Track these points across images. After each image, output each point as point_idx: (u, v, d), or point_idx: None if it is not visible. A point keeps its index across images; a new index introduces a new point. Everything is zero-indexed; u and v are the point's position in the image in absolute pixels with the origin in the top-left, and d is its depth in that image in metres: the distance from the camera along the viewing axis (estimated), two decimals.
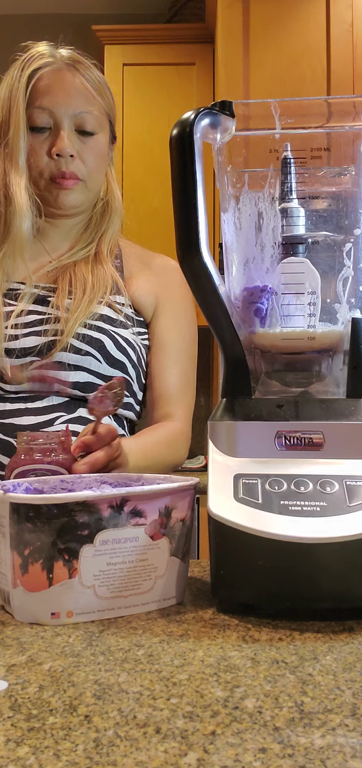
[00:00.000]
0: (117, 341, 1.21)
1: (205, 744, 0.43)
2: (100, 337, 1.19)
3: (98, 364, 1.18)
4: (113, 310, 1.23)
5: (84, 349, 1.16)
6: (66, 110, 1.21)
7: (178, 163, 0.74)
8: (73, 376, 1.16)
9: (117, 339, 1.21)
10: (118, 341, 1.21)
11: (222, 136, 0.79)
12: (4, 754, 0.42)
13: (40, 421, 1.15)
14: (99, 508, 0.68)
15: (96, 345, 1.18)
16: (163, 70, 3.09)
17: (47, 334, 1.17)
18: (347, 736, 0.44)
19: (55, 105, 1.21)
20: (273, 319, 0.77)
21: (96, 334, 1.18)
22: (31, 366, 1.16)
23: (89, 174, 1.24)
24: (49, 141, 1.22)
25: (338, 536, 0.65)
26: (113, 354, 1.20)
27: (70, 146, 1.21)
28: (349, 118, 0.80)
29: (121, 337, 1.22)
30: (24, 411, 1.16)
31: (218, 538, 0.70)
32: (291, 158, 0.78)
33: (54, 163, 1.21)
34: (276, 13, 2.72)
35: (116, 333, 1.21)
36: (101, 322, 1.20)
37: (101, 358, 1.18)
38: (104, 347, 1.19)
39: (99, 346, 1.18)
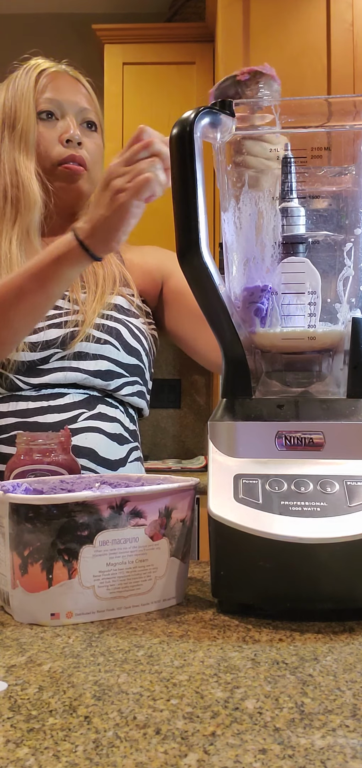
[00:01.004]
0: (131, 330, 1.25)
1: (205, 745, 0.43)
2: (116, 326, 1.22)
3: (117, 351, 1.21)
4: (126, 300, 1.27)
5: (103, 338, 1.20)
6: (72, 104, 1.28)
7: (177, 162, 0.74)
8: (95, 365, 1.20)
9: (131, 328, 1.25)
10: (133, 330, 1.25)
11: (223, 136, 0.79)
12: (4, 755, 0.42)
13: (64, 419, 1.17)
14: (99, 509, 0.68)
15: (113, 333, 1.21)
16: (163, 70, 3.09)
17: (68, 326, 1.20)
18: (347, 736, 0.44)
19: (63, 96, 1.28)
20: (274, 319, 0.77)
21: (112, 323, 1.22)
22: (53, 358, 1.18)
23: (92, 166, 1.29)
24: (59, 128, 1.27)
25: (338, 536, 0.65)
26: (129, 342, 1.23)
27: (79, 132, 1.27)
28: (350, 118, 0.80)
29: (134, 326, 1.25)
30: (47, 409, 1.18)
31: (218, 539, 0.70)
32: (292, 157, 0.78)
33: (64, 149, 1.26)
34: (276, 13, 2.72)
35: (130, 322, 1.25)
36: (116, 312, 1.24)
37: (119, 345, 1.22)
38: (121, 335, 1.22)
39: (116, 334, 1.22)
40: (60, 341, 1.18)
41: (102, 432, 1.20)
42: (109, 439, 1.21)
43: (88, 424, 1.19)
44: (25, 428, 1.16)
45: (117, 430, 1.23)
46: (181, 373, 3.31)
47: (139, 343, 1.25)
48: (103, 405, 1.22)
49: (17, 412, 1.18)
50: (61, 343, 1.18)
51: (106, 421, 1.21)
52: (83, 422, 1.18)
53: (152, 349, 1.31)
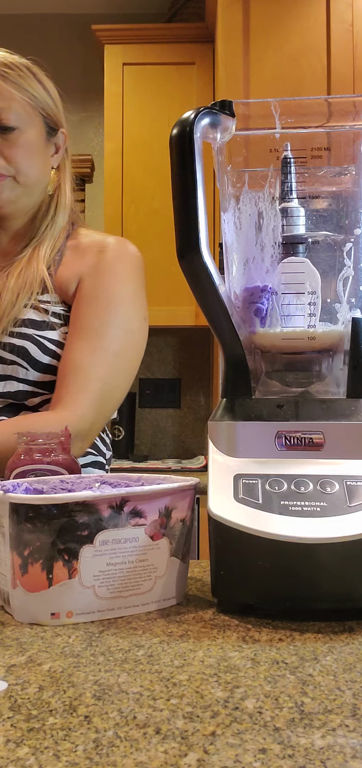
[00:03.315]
0: (43, 345, 1.17)
1: (205, 744, 0.43)
2: (23, 344, 1.15)
3: (25, 371, 1.15)
4: (39, 312, 1.18)
5: (8, 358, 1.14)
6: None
7: (178, 162, 0.74)
8: (3, 387, 1.14)
9: (43, 343, 1.17)
10: (45, 345, 1.17)
11: (222, 136, 0.79)
12: (4, 755, 0.42)
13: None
14: (99, 509, 0.68)
15: (20, 353, 1.15)
16: (163, 70, 3.09)
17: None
18: (347, 736, 0.44)
19: None
20: (274, 319, 0.77)
21: (19, 341, 1.15)
22: None
23: (17, 169, 1.21)
24: None
25: (338, 536, 0.65)
26: (40, 360, 1.16)
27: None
28: (349, 118, 0.80)
29: (48, 340, 1.17)
30: None
31: (218, 539, 0.70)
32: (291, 158, 0.78)
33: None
34: (276, 13, 2.72)
35: (42, 337, 1.17)
36: (24, 328, 1.16)
37: (27, 365, 1.15)
38: (28, 354, 1.15)
39: (23, 354, 1.15)
40: None
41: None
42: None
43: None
44: None
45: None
46: (180, 373, 3.31)
47: (54, 358, 1.17)
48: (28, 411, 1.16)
49: None
50: None
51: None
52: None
53: None
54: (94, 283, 1.21)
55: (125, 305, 1.22)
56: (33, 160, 1.24)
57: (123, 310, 1.21)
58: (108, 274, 1.22)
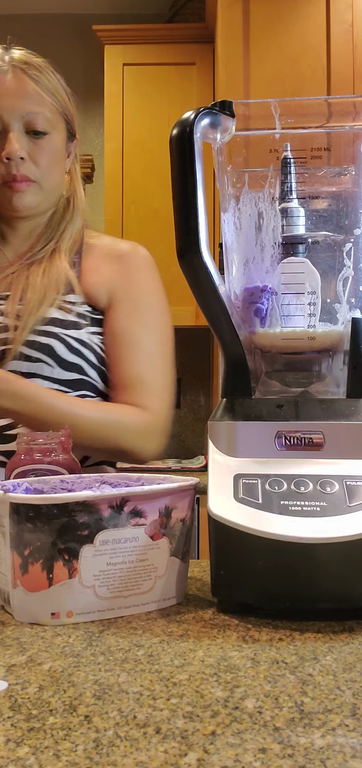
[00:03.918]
0: (68, 344, 1.17)
1: (205, 744, 0.43)
2: (48, 341, 1.16)
3: (50, 369, 1.15)
4: (64, 311, 1.19)
5: (34, 356, 1.15)
6: (13, 113, 1.20)
7: (178, 163, 0.74)
8: None
9: (68, 342, 1.17)
10: (70, 344, 1.18)
11: (222, 136, 0.79)
12: (4, 755, 0.42)
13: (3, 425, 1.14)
14: (99, 508, 0.68)
15: (45, 350, 1.15)
16: (163, 70, 3.09)
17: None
18: (347, 736, 0.44)
19: (2, 108, 1.20)
20: (273, 319, 0.77)
21: (44, 339, 1.16)
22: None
23: (42, 174, 1.23)
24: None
25: (338, 536, 0.65)
26: (65, 358, 1.17)
27: (19, 149, 1.19)
28: (349, 118, 0.80)
29: (73, 339, 1.18)
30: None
31: (218, 538, 0.70)
32: (291, 158, 0.78)
33: (4, 167, 1.20)
34: (276, 13, 2.72)
35: (67, 335, 1.18)
36: (51, 326, 1.17)
37: (53, 362, 1.15)
38: (54, 351, 1.16)
39: (49, 351, 1.15)
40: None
41: None
42: None
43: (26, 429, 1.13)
44: None
45: None
46: (180, 373, 3.31)
47: (79, 357, 1.18)
48: None
49: None
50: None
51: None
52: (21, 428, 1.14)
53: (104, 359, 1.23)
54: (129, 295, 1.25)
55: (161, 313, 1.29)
56: (56, 166, 1.26)
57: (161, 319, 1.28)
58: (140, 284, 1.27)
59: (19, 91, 1.21)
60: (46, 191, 1.24)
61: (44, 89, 1.23)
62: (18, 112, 1.20)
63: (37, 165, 1.22)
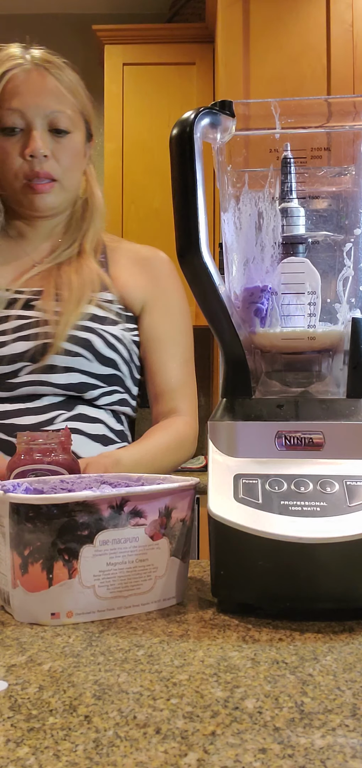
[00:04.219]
0: (106, 339, 1.20)
1: (205, 744, 0.43)
2: (88, 336, 1.18)
3: (89, 363, 1.17)
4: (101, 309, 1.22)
5: (73, 350, 1.16)
6: (37, 110, 1.20)
7: (178, 163, 0.74)
8: (66, 378, 1.16)
9: (106, 337, 1.20)
10: (107, 339, 1.20)
11: (222, 136, 0.79)
12: (4, 755, 0.42)
13: (41, 421, 1.15)
14: (99, 508, 0.68)
15: (85, 345, 1.17)
16: (163, 70, 3.09)
17: (38, 338, 1.16)
18: (347, 736, 0.44)
19: (26, 106, 1.20)
20: (274, 319, 0.77)
21: (84, 333, 1.18)
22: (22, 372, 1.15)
23: (64, 173, 1.23)
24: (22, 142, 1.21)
25: (338, 536, 0.65)
26: (103, 352, 1.19)
27: (43, 146, 1.20)
28: (349, 118, 0.80)
29: (110, 335, 1.21)
30: (24, 411, 1.16)
31: (218, 538, 0.70)
32: (291, 158, 0.78)
33: (27, 164, 1.20)
34: (276, 13, 2.72)
35: (105, 331, 1.20)
36: (89, 322, 1.19)
37: (91, 357, 1.18)
38: (93, 346, 1.18)
39: (88, 346, 1.18)
40: (29, 355, 1.15)
41: (82, 433, 1.17)
42: (91, 440, 1.18)
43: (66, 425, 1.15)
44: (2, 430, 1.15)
45: (99, 430, 1.20)
46: None
47: (114, 352, 1.21)
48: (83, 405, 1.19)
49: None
50: (30, 357, 1.15)
51: (87, 422, 1.18)
52: (61, 424, 1.16)
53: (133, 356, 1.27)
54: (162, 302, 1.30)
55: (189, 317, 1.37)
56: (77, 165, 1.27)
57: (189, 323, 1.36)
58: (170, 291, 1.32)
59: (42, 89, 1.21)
60: (67, 191, 1.26)
61: (66, 88, 1.23)
62: (42, 110, 1.20)
63: (59, 163, 1.22)
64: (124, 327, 1.24)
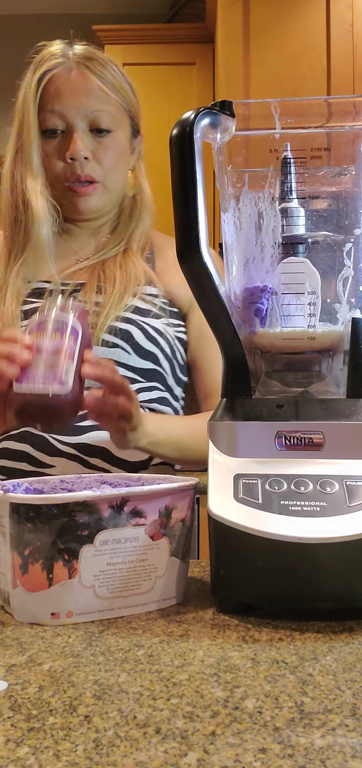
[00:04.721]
0: (146, 331, 1.16)
1: (205, 744, 0.43)
2: (127, 328, 1.15)
3: (127, 355, 1.14)
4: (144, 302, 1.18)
5: (112, 341, 1.14)
6: (77, 111, 1.18)
7: (178, 163, 0.74)
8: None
9: (146, 329, 1.16)
10: (148, 331, 1.16)
11: (222, 136, 0.79)
12: (4, 755, 0.42)
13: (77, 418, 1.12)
14: (99, 508, 0.68)
15: (124, 336, 1.14)
16: (163, 70, 3.09)
17: None
18: (347, 736, 0.44)
19: (66, 107, 1.17)
20: (273, 319, 0.77)
21: (124, 325, 1.15)
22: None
23: (106, 174, 1.20)
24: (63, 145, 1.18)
25: (338, 536, 0.65)
26: (143, 345, 1.16)
27: (83, 149, 1.17)
28: (349, 118, 0.80)
29: (151, 327, 1.17)
30: None
31: (218, 538, 0.70)
32: (291, 158, 0.78)
33: (68, 167, 1.18)
34: (276, 13, 2.72)
35: (146, 323, 1.17)
36: (131, 314, 1.16)
37: (130, 349, 1.14)
38: (132, 338, 1.15)
39: (127, 338, 1.14)
40: None
41: None
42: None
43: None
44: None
45: None
46: None
47: (155, 346, 1.17)
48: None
49: None
50: None
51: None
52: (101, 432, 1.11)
53: (176, 353, 1.22)
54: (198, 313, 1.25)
55: None
56: (120, 165, 1.23)
57: None
58: None
59: (83, 89, 1.18)
60: (111, 191, 1.22)
61: (108, 86, 1.20)
62: (82, 110, 1.18)
63: (101, 165, 1.19)
64: (167, 321, 1.20)
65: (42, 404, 0.81)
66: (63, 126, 1.18)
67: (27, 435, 1.11)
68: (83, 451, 1.11)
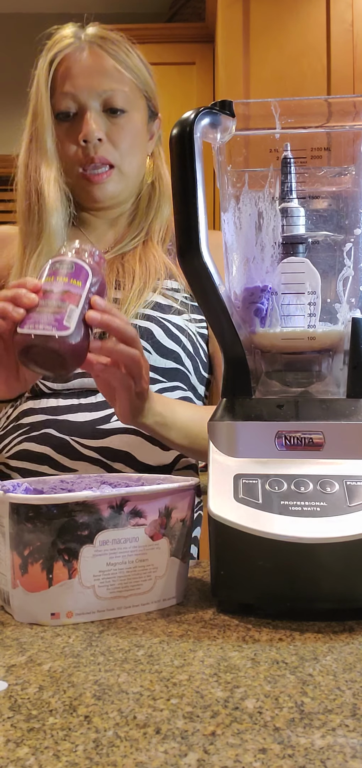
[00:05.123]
0: (167, 329, 1.11)
1: (205, 744, 0.43)
2: (148, 325, 1.10)
3: (148, 355, 1.08)
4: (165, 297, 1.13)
5: None
6: (90, 92, 1.13)
7: (178, 163, 0.74)
8: None
9: (167, 327, 1.11)
10: (169, 329, 1.11)
11: (222, 136, 0.79)
12: (4, 755, 0.42)
13: (96, 418, 1.08)
14: (99, 509, 0.68)
15: (144, 334, 1.09)
16: (163, 70, 3.07)
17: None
18: (347, 736, 0.44)
19: (78, 88, 1.12)
20: (274, 319, 0.77)
21: (144, 323, 1.10)
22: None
23: (122, 156, 1.15)
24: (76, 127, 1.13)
25: (338, 536, 0.65)
26: (164, 343, 1.11)
27: (97, 130, 1.12)
28: (349, 118, 0.80)
29: (172, 324, 1.12)
30: (78, 407, 1.09)
31: (218, 539, 0.70)
32: (291, 158, 0.78)
33: (82, 150, 1.13)
34: (276, 13, 2.72)
35: (166, 320, 1.12)
36: (151, 311, 1.11)
37: (151, 348, 1.09)
38: (153, 336, 1.10)
39: (147, 336, 1.09)
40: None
41: (138, 433, 1.07)
42: (149, 443, 1.08)
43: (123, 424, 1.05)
44: (55, 427, 1.08)
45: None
46: None
47: (177, 344, 1.12)
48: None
49: (47, 410, 1.09)
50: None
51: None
52: (117, 422, 1.07)
53: (199, 350, 1.17)
54: None
55: None
56: (136, 147, 1.18)
57: None
58: None
59: (96, 68, 1.14)
60: (128, 176, 1.17)
61: (122, 65, 1.16)
62: (95, 90, 1.13)
63: (116, 147, 1.14)
64: (189, 318, 1.15)
65: (43, 348, 0.79)
66: (75, 108, 1.14)
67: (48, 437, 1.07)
68: (106, 455, 1.07)
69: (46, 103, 1.13)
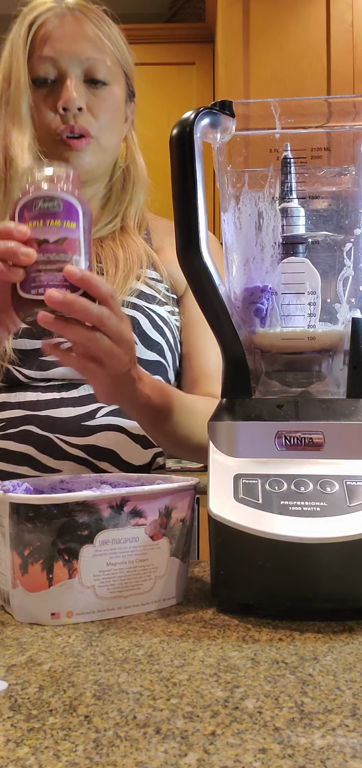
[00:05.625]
0: (153, 320, 1.08)
1: (205, 744, 0.43)
2: (133, 314, 1.06)
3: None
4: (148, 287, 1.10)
5: None
6: (71, 58, 1.07)
7: (177, 163, 0.74)
8: None
9: (153, 317, 1.08)
10: (154, 319, 1.08)
11: (222, 136, 0.79)
12: (4, 755, 0.42)
13: (81, 413, 1.04)
14: (99, 509, 0.68)
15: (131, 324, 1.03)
16: (163, 70, 3.09)
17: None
18: (347, 736, 0.44)
19: (59, 53, 1.07)
20: (274, 319, 0.77)
21: (130, 311, 1.05)
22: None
23: (101, 129, 1.10)
24: (54, 94, 1.07)
25: (338, 536, 0.65)
26: (150, 334, 1.07)
27: (78, 98, 1.06)
28: (349, 118, 0.80)
29: (157, 315, 1.09)
30: (60, 402, 1.04)
31: (218, 538, 0.70)
32: (291, 158, 0.78)
33: (60, 119, 1.07)
34: (276, 13, 2.72)
35: (152, 310, 1.08)
36: (136, 299, 1.07)
37: (136, 338, 1.04)
38: (139, 326, 1.06)
39: (134, 325, 1.05)
40: None
41: (124, 431, 1.05)
42: (132, 441, 1.06)
43: (108, 421, 1.04)
44: (36, 423, 1.02)
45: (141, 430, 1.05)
46: None
47: (161, 336, 1.09)
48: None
49: (26, 404, 1.04)
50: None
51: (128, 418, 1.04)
52: (102, 419, 1.04)
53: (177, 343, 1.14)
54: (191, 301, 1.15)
55: None
56: (116, 122, 1.13)
57: None
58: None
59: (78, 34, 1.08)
60: (105, 151, 1.12)
61: (105, 35, 1.11)
62: (77, 57, 1.07)
63: (96, 118, 1.09)
64: (170, 310, 1.13)
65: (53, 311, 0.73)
66: (55, 74, 1.08)
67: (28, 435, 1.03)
68: (91, 453, 1.04)
69: (23, 67, 1.07)
